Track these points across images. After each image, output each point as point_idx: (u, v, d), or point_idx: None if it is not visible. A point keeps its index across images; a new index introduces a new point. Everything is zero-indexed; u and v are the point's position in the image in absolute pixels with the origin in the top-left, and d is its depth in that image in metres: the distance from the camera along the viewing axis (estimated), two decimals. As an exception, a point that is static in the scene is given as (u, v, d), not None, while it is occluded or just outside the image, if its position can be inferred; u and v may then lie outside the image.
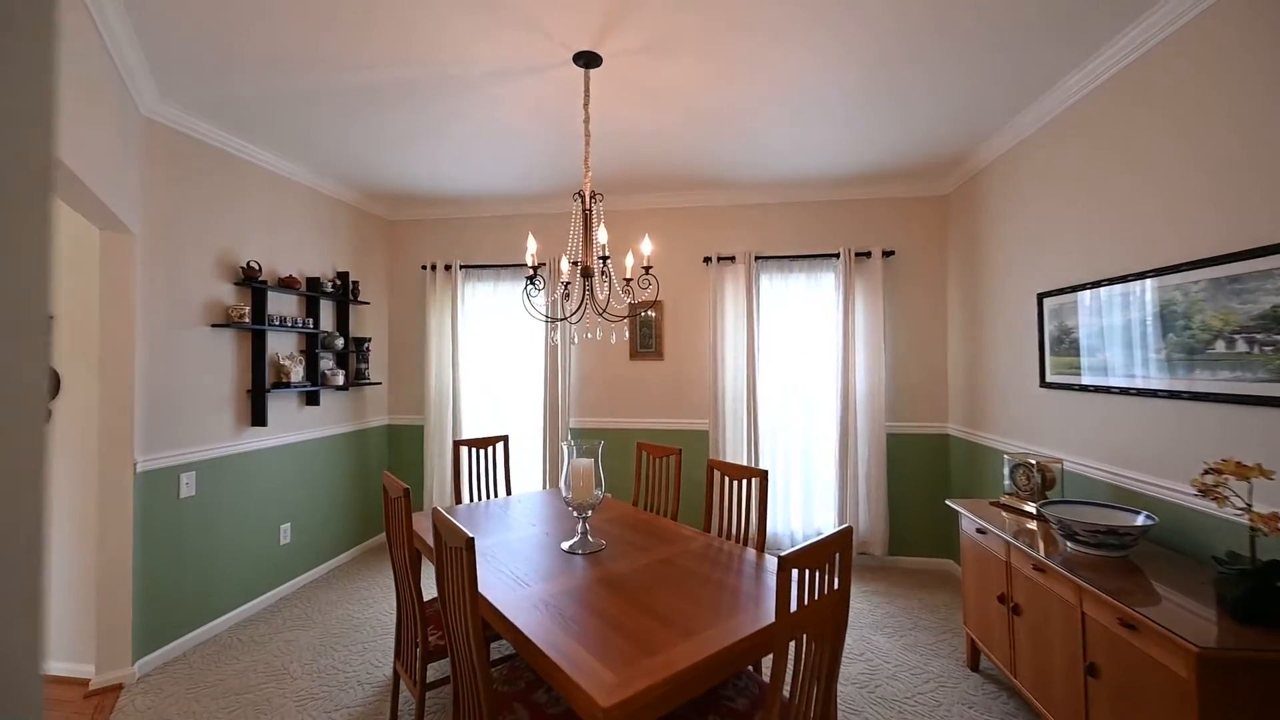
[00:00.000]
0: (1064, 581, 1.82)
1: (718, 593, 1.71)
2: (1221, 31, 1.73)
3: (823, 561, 1.35)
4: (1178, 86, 1.89)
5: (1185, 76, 1.87)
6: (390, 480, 2.06)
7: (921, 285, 3.76)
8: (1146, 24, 1.95)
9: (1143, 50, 2.02)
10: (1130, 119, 2.11)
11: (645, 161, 3.31)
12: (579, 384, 4.09)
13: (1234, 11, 1.69)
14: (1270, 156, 1.59)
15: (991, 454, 3.16)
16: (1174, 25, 1.88)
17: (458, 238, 4.25)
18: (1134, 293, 2.09)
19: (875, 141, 3.04)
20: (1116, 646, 1.59)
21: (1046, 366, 2.65)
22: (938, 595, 3.33)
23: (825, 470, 3.80)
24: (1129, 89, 2.11)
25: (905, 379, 3.77)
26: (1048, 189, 2.64)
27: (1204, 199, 1.81)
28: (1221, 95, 1.74)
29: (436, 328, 4.12)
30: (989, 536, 2.32)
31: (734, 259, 3.84)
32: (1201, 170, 1.81)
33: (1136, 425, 2.09)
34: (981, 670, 2.54)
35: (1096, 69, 2.22)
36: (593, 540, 2.13)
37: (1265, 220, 1.60)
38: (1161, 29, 1.92)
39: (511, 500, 2.78)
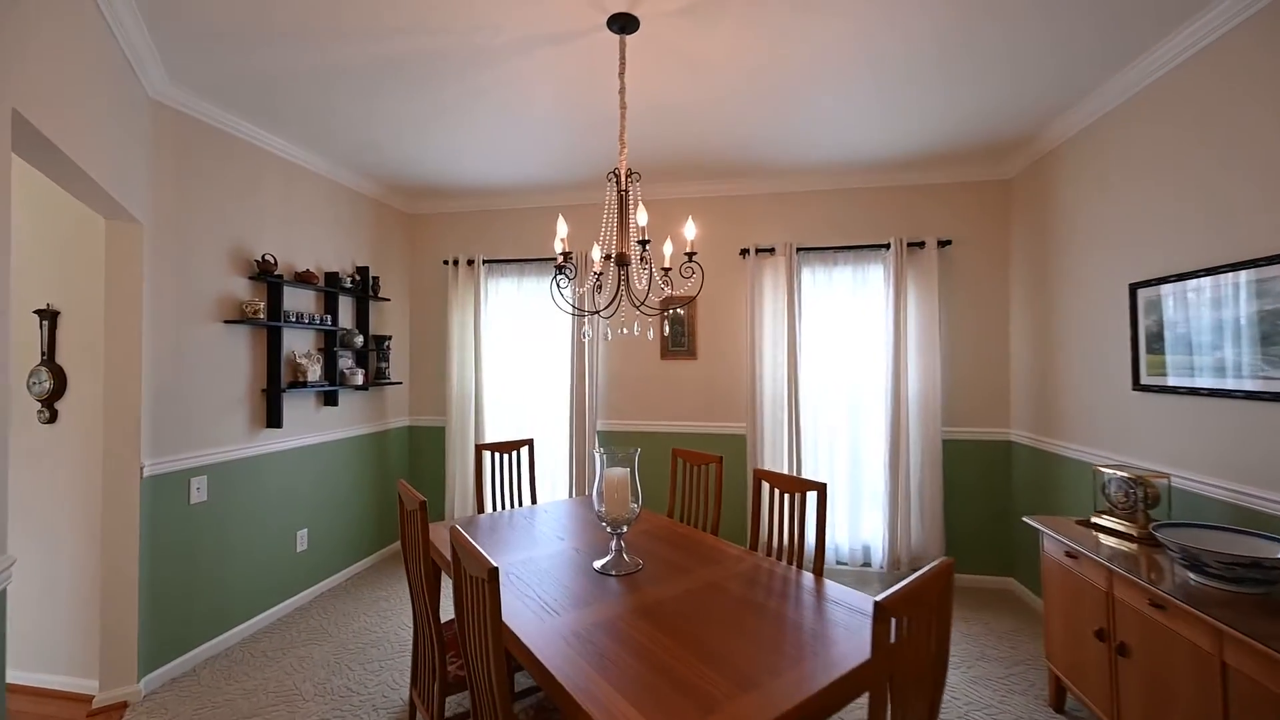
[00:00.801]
0: (1197, 623, 1.51)
1: (777, 629, 1.46)
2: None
3: (926, 605, 1.10)
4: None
5: (1346, 16, 1.55)
6: (406, 490, 1.87)
7: (981, 277, 3.44)
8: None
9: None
10: (1259, 72, 1.79)
11: (680, 145, 3.07)
12: (607, 385, 3.87)
13: None
14: None
15: (1066, 464, 2.83)
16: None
17: (480, 232, 4.08)
18: (1272, 279, 1.77)
19: (929, 120, 2.74)
20: (1276, 710, 1.29)
21: (1141, 367, 2.32)
22: (1003, 619, 3.01)
23: (874, 479, 3.50)
24: (1257, 38, 1.78)
25: (962, 380, 3.45)
26: (1142, 167, 2.31)
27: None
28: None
29: (458, 325, 3.95)
30: (1083, 562, 2.01)
31: (773, 251, 3.57)
32: (1370, 128, 1.49)
33: (1270, 436, 1.77)
34: (1068, 712, 2.23)
35: (1207, 25, 1.90)
36: (628, 559, 1.90)
37: None
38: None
39: (537, 510, 2.58)
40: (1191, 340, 2.08)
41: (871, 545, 3.51)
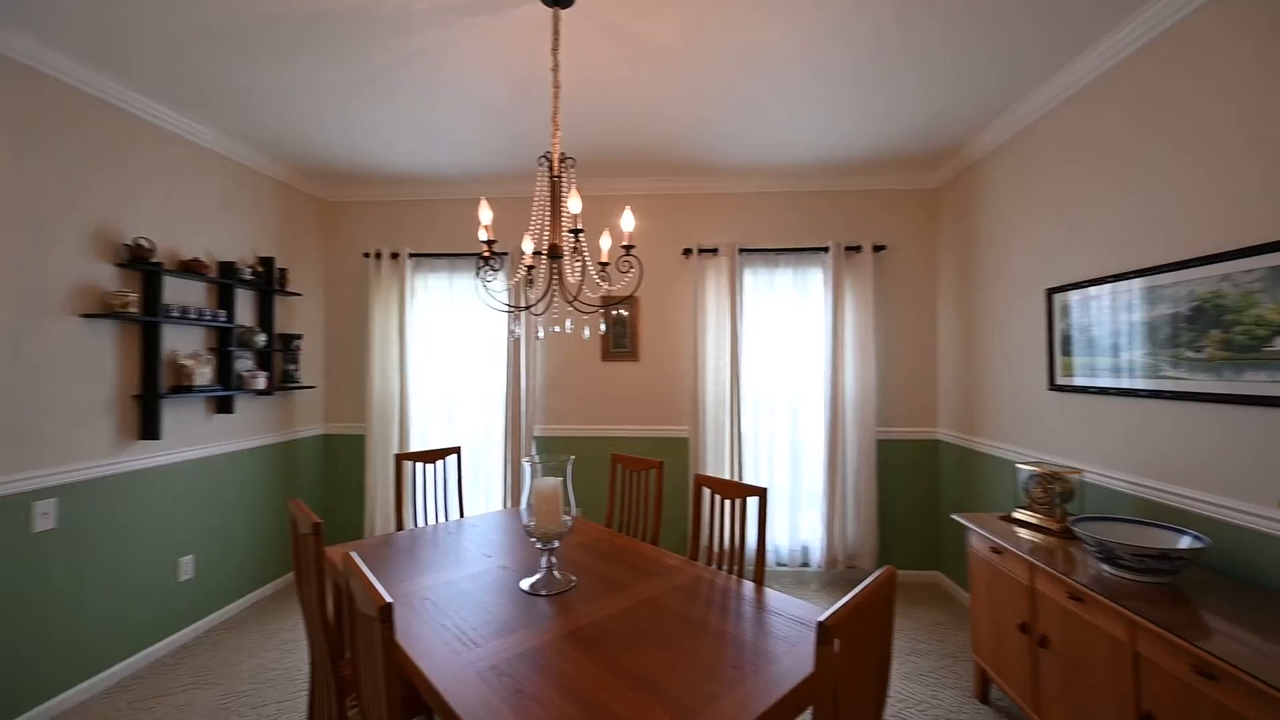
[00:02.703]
0: (1111, 615, 1.56)
1: (717, 647, 1.37)
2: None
3: (871, 621, 1.03)
4: (1225, 51, 1.69)
5: (1234, 40, 1.66)
6: (300, 510, 1.63)
7: (913, 282, 3.55)
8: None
9: (1185, 13, 1.81)
10: (1163, 92, 1.90)
11: (620, 138, 2.96)
12: (545, 388, 3.69)
13: (1300, -39, 1.48)
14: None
15: (988, 461, 2.95)
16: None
17: (407, 223, 3.78)
18: (1166, 285, 1.88)
19: (867, 126, 2.79)
20: (1188, 698, 1.34)
21: (1056, 368, 2.44)
22: (931, 612, 3.10)
23: (813, 480, 3.53)
24: (1167, 57, 1.90)
25: (895, 382, 3.54)
26: (1060, 176, 2.44)
27: (1255, 178, 1.60)
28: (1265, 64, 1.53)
29: (381, 324, 3.64)
30: (1007, 557, 2.07)
31: (716, 251, 3.53)
32: (1249, 146, 1.60)
33: (1171, 432, 1.88)
34: (992, 702, 2.29)
35: (1126, 38, 2.01)
36: (560, 576, 1.75)
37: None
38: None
39: (465, 524, 2.37)
40: (1097, 343, 2.20)
41: (810, 546, 3.54)
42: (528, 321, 3.48)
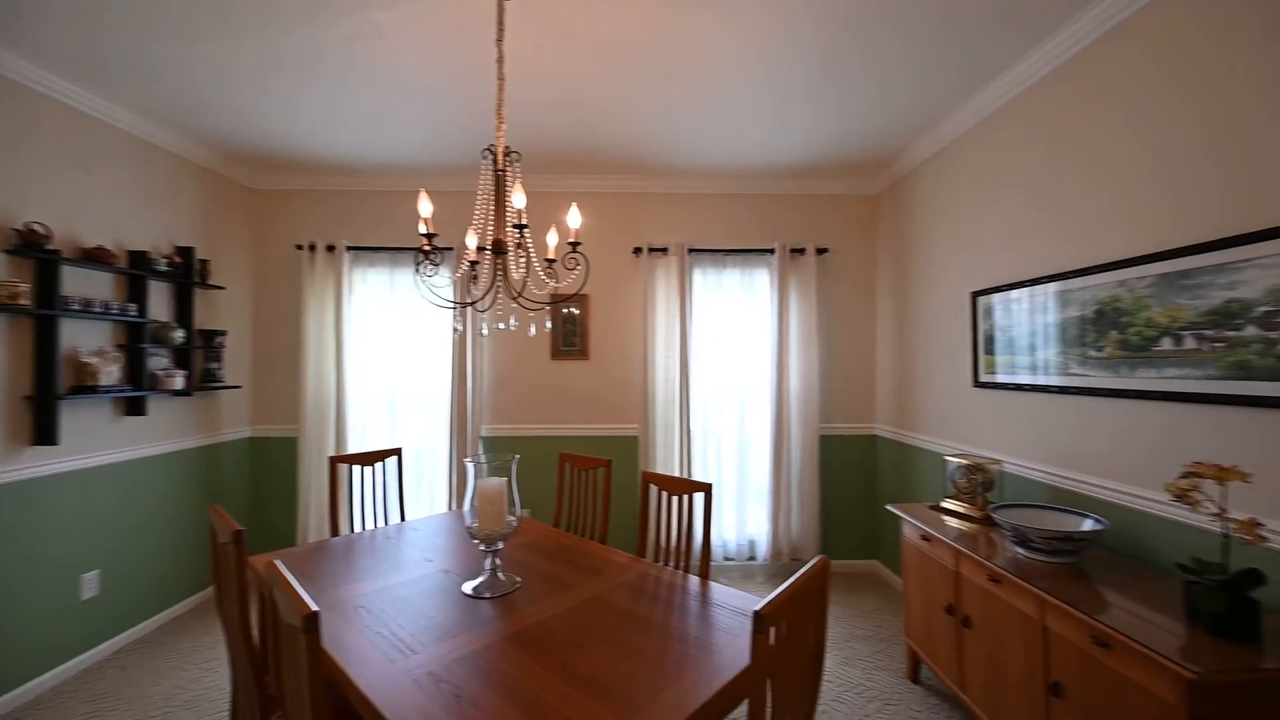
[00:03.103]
0: (1024, 593, 1.69)
1: (662, 642, 1.38)
2: (1169, 21, 1.69)
3: (805, 608, 1.07)
4: (1123, 78, 1.85)
5: (1131, 68, 1.83)
6: (219, 518, 1.52)
7: (852, 284, 3.71)
8: (1094, 14, 1.89)
9: (1086, 42, 1.98)
10: (1071, 114, 2.07)
11: (570, 135, 2.93)
12: (493, 387, 3.61)
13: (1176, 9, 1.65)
14: (1221, 147, 1.55)
15: (920, 454, 3.12)
16: (1122, 14, 1.83)
17: (344, 213, 3.60)
18: (1074, 290, 2.05)
19: (812, 133, 2.89)
20: (1087, 666, 1.46)
21: (980, 366, 2.61)
22: (869, 599, 3.26)
23: (759, 475, 3.62)
24: (1072, 82, 2.07)
25: (836, 380, 3.69)
26: (982, 187, 2.61)
27: (1151, 193, 1.76)
28: (1170, 86, 1.70)
29: (315, 320, 3.45)
30: (935, 544, 2.19)
31: (666, 251, 3.56)
32: (1147, 164, 1.77)
33: (1077, 425, 2.05)
34: (922, 681, 2.43)
35: (1035, 64, 2.17)
36: (504, 578, 1.72)
37: (1217, 214, 1.56)
38: (1108, 19, 1.87)
39: (405, 528, 2.29)
40: (1016, 343, 2.37)
41: (757, 539, 3.63)
42: (472, 318, 3.39)
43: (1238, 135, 1.51)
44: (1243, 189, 1.49)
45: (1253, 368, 1.46)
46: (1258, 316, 1.45)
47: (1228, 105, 1.53)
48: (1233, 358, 1.51)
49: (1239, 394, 1.49)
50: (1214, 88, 1.57)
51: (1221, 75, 1.55)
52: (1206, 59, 1.59)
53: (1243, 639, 1.28)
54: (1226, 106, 1.54)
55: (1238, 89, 1.51)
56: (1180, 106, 1.66)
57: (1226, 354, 1.53)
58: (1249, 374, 1.47)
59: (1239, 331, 1.50)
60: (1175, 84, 1.68)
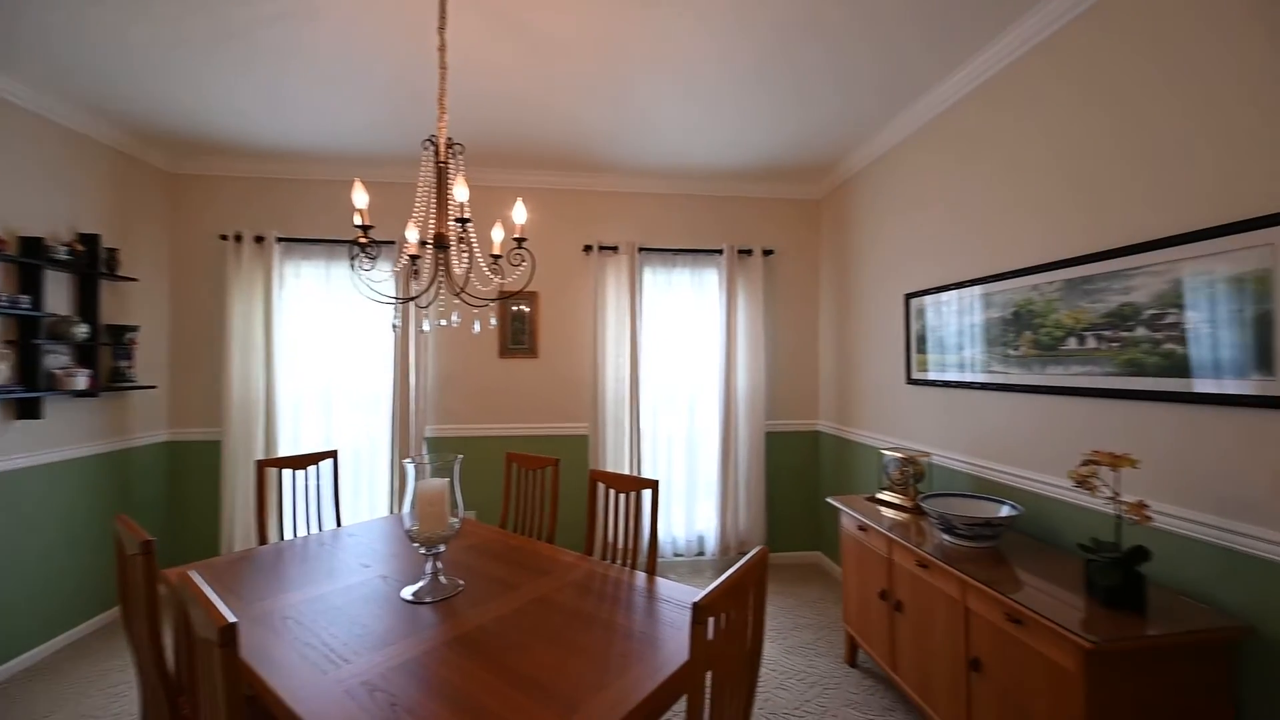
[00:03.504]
0: (949, 577, 1.80)
1: (607, 638, 1.38)
2: (1080, 47, 1.85)
3: (741, 598, 1.09)
4: (1039, 97, 2.01)
5: (1045, 88, 1.98)
6: (126, 528, 1.40)
7: (797, 285, 3.83)
8: (1013, 36, 2.04)
9: (1006, 62, 2.13)
10: (993, 128, 2.22)
11: (518, 130, 2.88)
12: (438, 386, 3.49)
13: (1094, 27, 1.80)
14: (1118, 165, 1.70)
15: (859, 449, 3.27)
16: (1039, 37, 1.98)
17: (275, 203, 3.39)
18: (995, 293, 2.20)
19: (759, 137, 2.97)
20: (1001, 640, 1.58)
21: (912, 364, 2.76)
22: (812, 588, 3.38)
23: (708, 472, 3.69)
24: (993, 99, 2.22)
25: (782, 378, 3.80)
26: (915, 195, 2.76)
27: (1060, 205, 1.92)
28: (1079, 105, 1.85)
29: (242, 316, 3.23)
30: (871, 533, 2.30)
31: (616, 249, 3.57)
32: (1060, 178, 1.92)
33: (997, 419, 2.20)
34: (859, 665, 2.54)
35: (962, 81, 2.32)
36: (446, 581, 1.67)
37: (1115, 225, 1.71)
38: (1026, 40, 2.02)
39: (341, 534, 2.18)
40: (945, 342, 2.52)
41: (706, 535, 3.69)
42: (414, 315, 3.27)
43: (1129, 154, 1.66)
44: (1135, 204, 1.65)
45: (1142, 365, 1.62)
46: (1146, 319, 1.61)
47: (1129, 127, 1.69)
48: (1125, 356, 1.67)
49: (1131, 389, 1.65)
50: (1112, 110, 1.73)
51: (1121, 100, 1.70)
52: (1108, 83, 1.75)
53: (1132, 610, 1.41)
54: (1128, 128, 1.69)
55: (1139, 110, 1.66)
56: (1084, 125, 1.82)
57: (1120, 353, 1.68)
58: (1140, 371, 1.62)
59: (1131, 332, 1.65)
60: (1081, 105, 1.83)
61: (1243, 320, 1.37)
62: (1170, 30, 1.55)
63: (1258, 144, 1.35)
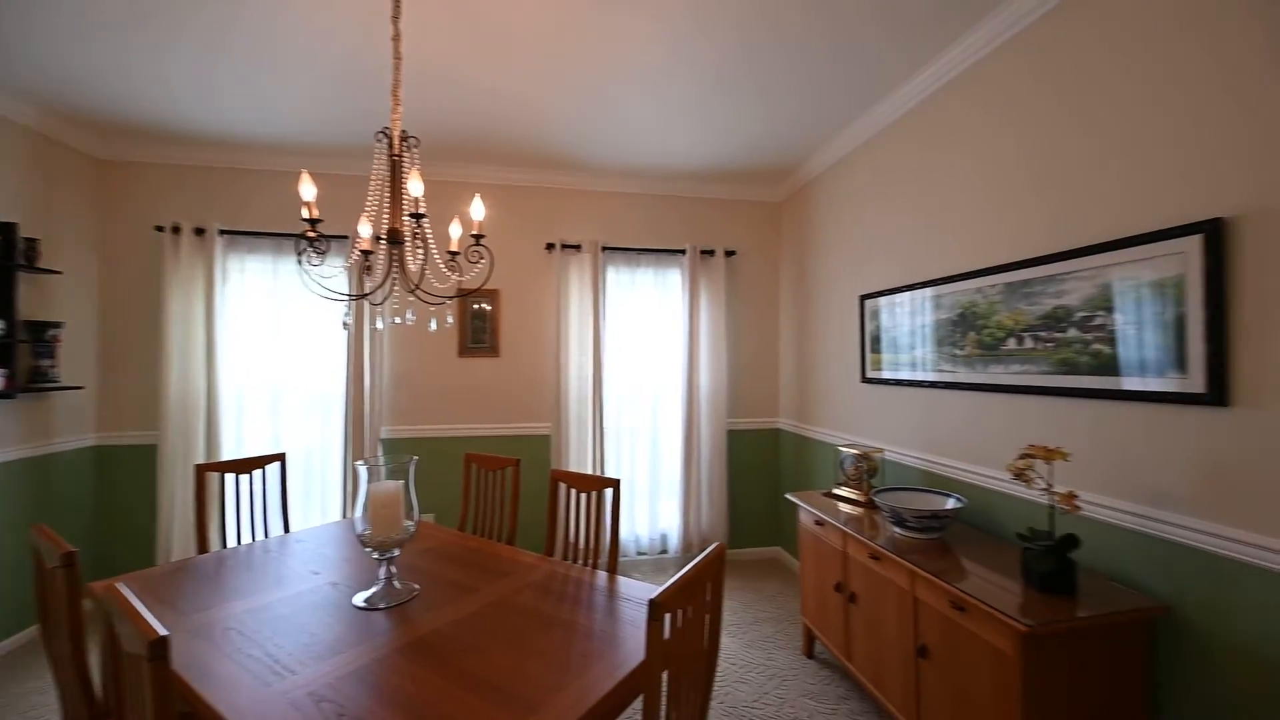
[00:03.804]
0: (899, 568, 1.87)
1: (567, 639, 1.37)
2: (1002, 75, 1.95)
3: (698, 594, 1.11)
4: (970, 118, 2.11)
5: (969, 114, 2.08)
6: (45, 539, 1.30)
7: (759, 286, 3.90)
8: (940, 64, 2.14)
9: (941, 82, 2.23)
10: (938, 143, 2.32)
11: (477, 124, 2.82)
12: (394, 386, 3.39)
13: (1009, 61, 1.91)
14: (1048, 177, 1.81)
15: (818, 446, 3.36)
16: (957, 68, 2.08)
17: (218, 193, 3.21)
18: (944, 295, 2.30)
19: (720, 139, 3.01)
20: (946, 627, 1.65)
21: (867, 363, 2.85)
22: (772, 583, 3.45)
23: (671, 470, 3.72)
24: (930, 121, 2.32)
25: (743, 376, 3.87)
26: (868, 201, 2.85)
27: (1000, 214, 2.02)
28: (1010, 125, 1.95)
29: (181, 312, 3.05)
30: (827, 528, 2.37)
31: (579, 248, 3.55)
32: (997, 190, 2.03)
33: (944, 415, 2.30)
34: (816, 656, 2.61)
35: (907, 96, 2.41)
36: (400, 586, 1.63)
37: (1048, 232, 1.82)
38: (951, 68, 2.12)
39: (289, 540, 2.09)
40: (898, 342, 2.62)
41: (669, 533, 3.72)
42: (367, 312, 3.17)
43: (1061, 168, 1.77)
44: (1070, 212, 1.75)
45: (1074, 364, 1.72)
46: (1077, 321, 1.71)
47: (1056, 142, 1.79)
48: (1059, 355, 1.77)
49: (1064, 386, 1.75)
50: (1040, 128, 1.83)
51: (1049, 114, 1.81)
52: (1034, 105, 1.85)
53: (1064, 593, 1.50)
54: (1056, 143, 1.80)
55: (1060, 128, 1.77)
56: (1017, 141, 1.93)
57: (1054, 352, 1.79)
58: (1072, 369, 1.73)
59: (1064, 333, 1.76)
60: (1012, 125, 1.94)
61: (1162, 322, 1.48)
62: (1091, 63, 1.65)
63: (1171, 161, 1.46)
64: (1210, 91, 1.37)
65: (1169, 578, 1.47)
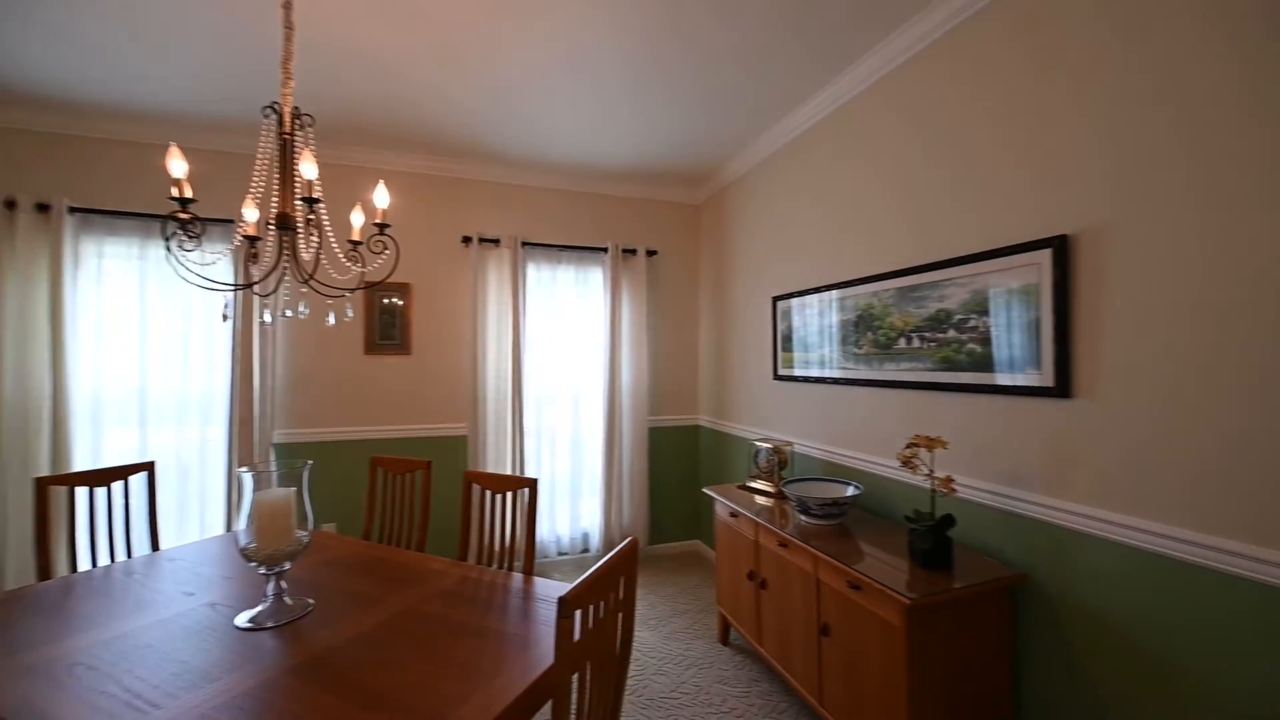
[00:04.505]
0: (804, 553, 1.99)
1: (477, 645, 1.33)
2: (909, 85, 2.13)
3: (609, 591, 1.11)
4: (873, 129, 2.29)
5: (883, 119, 2.26)
6: None
7: (679, 286, 3.99)
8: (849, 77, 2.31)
9: (847, 98, 2.40)
10: (847, 151, 2.49)
11: (387, 105, 2.65)
12: (290, 386, 3.11)
13: (921, 69, 2.09)
14: (931, 193, 2.00)
15: (734, 441, 3.49)
16: (863, 85, 2.25)
17: (67, 164, 2.78)
18: (846, 298, 2.47)
19: (641, 140, 3.04)
20: (845, 606, 1.78)
21: (779, 361, 3.00)
22: (691, 576, 3.54)
23: (592, 469, 3.71)
24: (839, 128, 2.49)
25: (664, 374, 3.94)
26: (778, 207, 3.00)
27: (891, 225, 2.21)
28: (907, 138, 2.14)
29: (16, 302, 2.61)
30: (740, 519, 2.47)
31: (498, 242, 3.44)
32: (892, 205, 2.21)
33: (846, 410, 2.48)
34: (731, 643, 2.71)
35: (814, 109, 2.57)
36: (292, 603, 1.50)
37: (936, 241, 2.00)
38: (861, 80, 2.29)
39: (159, 559, 1.86)
40: (805, 341, 2.78)
41: (590, 531, 3.71)
42: (256, 305, 2.88)
43: (941, 182, 1.96)
44: (948, 226, 1.95)
45: (953, 362, 1.91)
46: (955, 323, 1.90)
47: (913, 167, 1.99)
48: (941, 354, 1.96)
49: (944, 382, 1.94)
50: (930, 141, 2.02)
51: (908, 141, 2.00)
52: (931, 116, 2.04)
53: (942, 568, 1.67)
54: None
55: (914, 157, 1.96)
56: (912, 156, 2.11)
57: (937, 351, 1.98)
58: (951, 366, 1.92)
59: (945, 334, 1.95)
60: (908, 138, 2.13)
61: (1024, 325, 1.68)
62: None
63: (1032, 181, 1.66)
64: (1068, 116, 1.56)
65: (1027, 548, 1.68)
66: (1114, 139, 1.45)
